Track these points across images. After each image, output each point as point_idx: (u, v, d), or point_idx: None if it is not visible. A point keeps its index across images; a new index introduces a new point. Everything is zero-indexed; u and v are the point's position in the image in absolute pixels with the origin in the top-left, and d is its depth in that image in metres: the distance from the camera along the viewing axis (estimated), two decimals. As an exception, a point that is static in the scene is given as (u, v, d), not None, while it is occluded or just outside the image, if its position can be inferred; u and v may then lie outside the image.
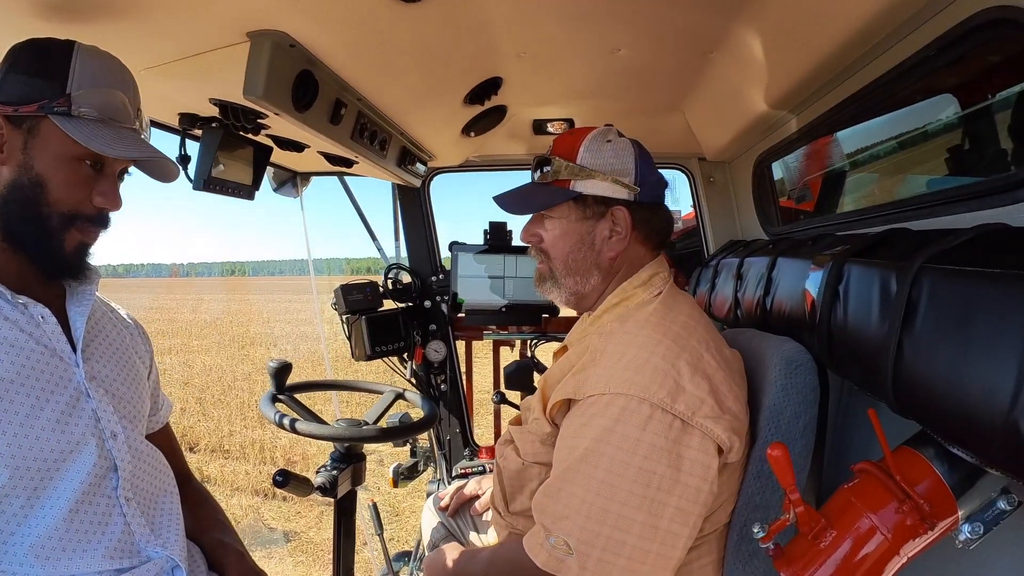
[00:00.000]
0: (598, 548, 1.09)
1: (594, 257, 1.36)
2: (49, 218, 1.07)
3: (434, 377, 2.96)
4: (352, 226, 30.91)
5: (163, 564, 1.15)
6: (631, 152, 1.34)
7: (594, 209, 1.34)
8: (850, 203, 1.80)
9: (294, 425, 1.66)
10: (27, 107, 1.03)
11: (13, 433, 1.00)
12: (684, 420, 1.10)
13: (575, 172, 1.33)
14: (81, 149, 1.06)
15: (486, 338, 3.03)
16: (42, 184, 1.06)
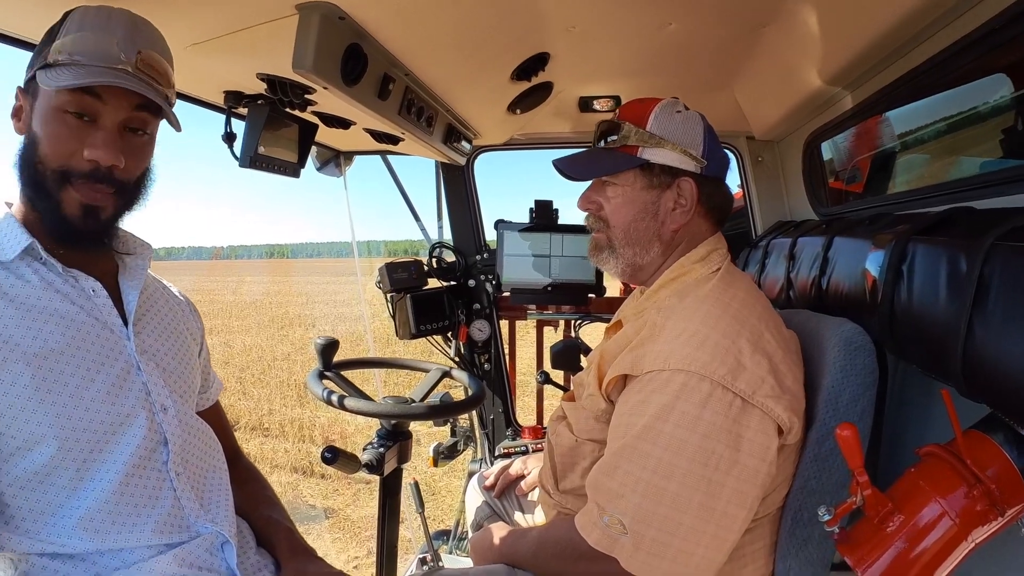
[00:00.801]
0: (653, 528, 1.07)
1: (656, 228, 1.32)
2: (44, 176, 1.03)
3: (478, 356, 2.95)
4: (390, 208, 30.89)
5: (213, 539, 1.15)
6: (700, 124, 1.31)
7: (661, 179, 1.30)
8: (903, 184, 1.74)
9: (342, 402, 1.65)
10: (30, 71, 1.05)
11: (63, 404, 1.00)
12: (744, 399, 1.08)
13: (644, 139, 1.29)
14: (61, 98, 1.00)
15: (529, 318, 3.01)
16: (36, 142, 1.03)
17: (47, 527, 1.00)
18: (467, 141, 2.43)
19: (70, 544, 1.00)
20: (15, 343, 0.98)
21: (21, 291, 1.03)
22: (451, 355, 2.91)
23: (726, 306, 1.18)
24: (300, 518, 4.52)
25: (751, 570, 1.25)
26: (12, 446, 0.98)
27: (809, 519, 1.23)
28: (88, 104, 1.01)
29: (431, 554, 2.30)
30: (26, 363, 0.98)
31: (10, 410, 0.97)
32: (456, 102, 2.05)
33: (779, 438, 1.12)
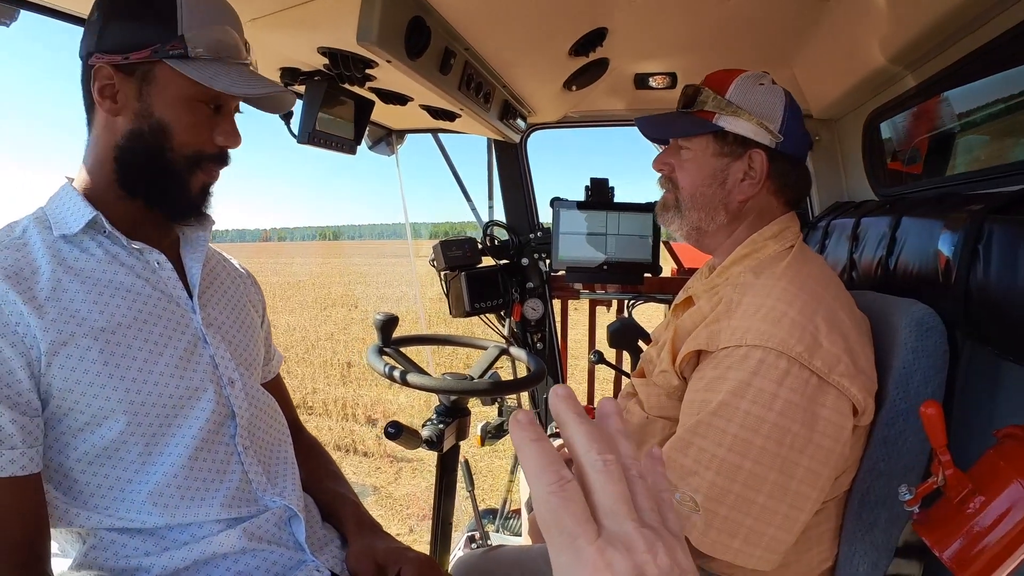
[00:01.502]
0: (726, 506, 1.07)
1: (723, 196, 1.32)
2: (175, 162, 1.07)
3: (530, 336, 2.95)
4: (433, 190, 30.93)
5: (281, 514, 1.14)
6: (782, 99, 1.30)
7: (732, 148, 1.30)
8: (963, 164, 1.69)
9: (404, 377, 1.66)
10: (138, 53, 1.01)
11: (132, 379, 1.00)
12: (821, 377, 1.07)
13: (722, 106, 1.29)
14: (201, 90, 1.04)
15: (583, 297, 2.99)
16: (165, 129, 1.05)
17: (115, 502, 1.00)
18: (522, 118, 2.42)
19: (139, 519, 1.00)
20: (82, 317, 0.98)
21: (86, 265, 1.03)
22: (504, 334, 2.91)
23: (802, 284, 1.16)
24: (345, 494, 4.58)
25: (816, 552, 1.24)
26: (81, 421, 0.98)
27: (877, 502, 1.21)
28: (221, 95, 1.08)
29: (479, 532, 2.32)
30: (94, 338, 0.98)
31: (78, 385, 0.96)
32: (513, 78, 2.04)
33: (853, 419, 1.10)
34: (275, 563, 1.09)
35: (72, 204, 1.05)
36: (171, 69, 1.02)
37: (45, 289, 0.97)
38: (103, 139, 1.06)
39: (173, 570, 1.01)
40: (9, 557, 0.89)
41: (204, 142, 1.08)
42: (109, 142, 1.05)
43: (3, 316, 0.92)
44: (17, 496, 0.90)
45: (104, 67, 1.01)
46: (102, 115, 1.05)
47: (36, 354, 0.93)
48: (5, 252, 0.98)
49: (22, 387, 0.92)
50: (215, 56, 1.05)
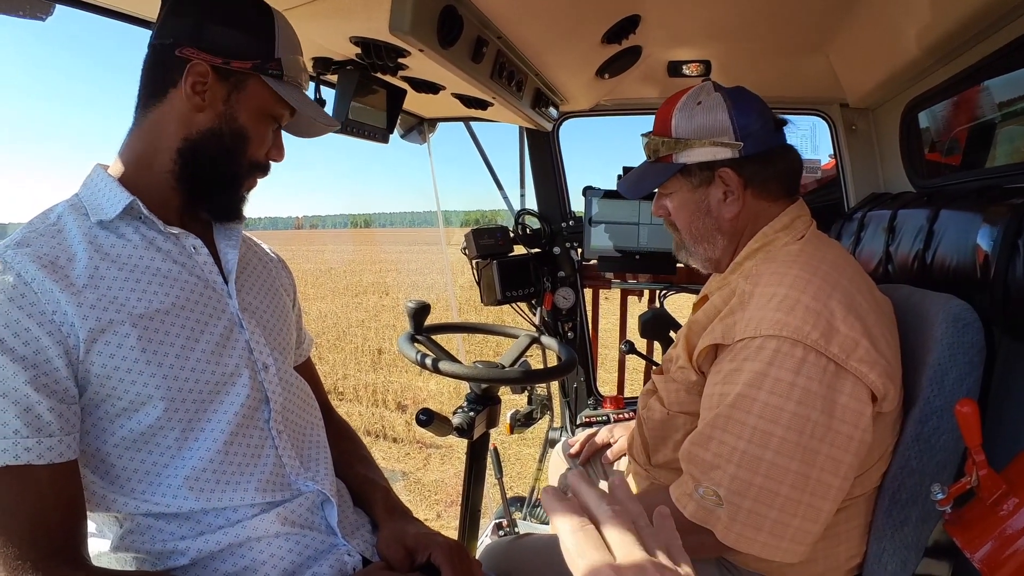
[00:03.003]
0: (749, 499, 1.06)
1: (714, 223, 1.34)
2: (241, 166, 1.13)
3: (561, 325, 2.94)
4: (463, 179, 31.04)
5: (314, 498, 1.15)
6: (723, 107, 1.28)
7: (700, 177, 1.32)
8: (1004, 156, 1.65)
9: (436, 365, 1.66)
10: (240, 62, 1.06)
11: (169, 364, 1.00)
12: (838, 363, 1.05)
13: (672, 146, 1.32)
14: (278, 109, 1.13)
15: (614, 287, 2.98)
16: (243, 136, 1.10)
17: (152, 487, 1.00)
18: (554, 107, 2.41)
19: (175, 504, 1.00)
20: (120, 304, 0.98)
21: (123, 251, 1.03)
22: (535, 323, 2.91)
23: (815, 269, 1.15)
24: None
25: (845, 549, 1.23)
26: (119, 407, 0.98)
27: (908, 500, 1.19)
28: (284, 115, 1.16)
29: (507, 519, 2.33)
30: (132, 324, 0.98)
31: (117, 372, 0.96)
32: (545, 67, 2.03)
33: (873, 405, 1.09)
34: (308, 547, 1.10)
35: (108, 189, 1.05)
36: (263, 84, 1.09)
37: (83, 276, 0.97)
38: (170, 128, 1.07)
39: (208, 554, 1.02)
40: (47, 542, 0.89)
41: (264, 153, 1.16)
42: (178, 133, 1.07)
43: (40, 304, 0.92)
44: (55, 483, 0.91)
45: (201, 64, 1.04)
46: (179, 106, 1.06)
47: (74, 341, 0.93)
48: (41, 240, 0.98)
49: (59, 375, 0.92)
50: (295, 82, 1.14)
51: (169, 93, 1.06)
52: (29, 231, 1.00)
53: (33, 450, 0.88)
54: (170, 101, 1.06)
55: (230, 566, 1.03)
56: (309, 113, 1.16)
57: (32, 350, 0.90)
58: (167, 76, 1.05)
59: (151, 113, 1.07)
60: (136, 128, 1.09)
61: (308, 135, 1.28)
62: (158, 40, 1.06)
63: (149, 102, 1.07)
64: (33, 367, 0.90)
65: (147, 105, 1.08)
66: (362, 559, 1.15)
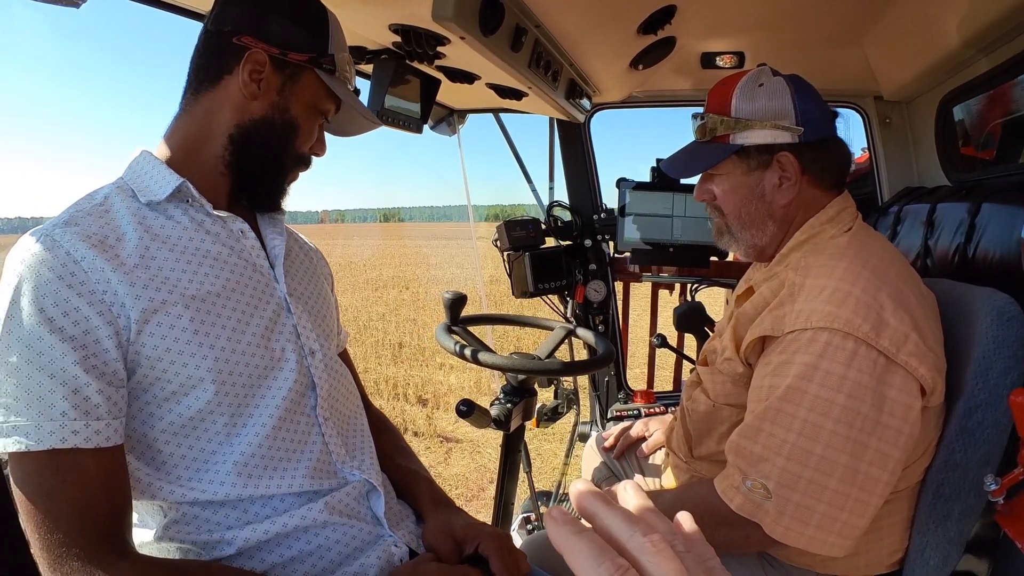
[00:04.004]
0: (798, 492, 1.06)
1: (766, 208, 1.32)
2: (289, 156, 1.15)
3: (592, 317, 2.93)
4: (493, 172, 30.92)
5: (360, 487, 1.14)
6: (786, 91, 1.27)
7: (758, 159, 1.29)
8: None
9: (476, 356, 1.66)
10: (296, 55, 1.09)
11: (221, 347, 0.99)
12: (889, 356, 1.05)
13: (731, 126, 1.29)
14: (327, 102, 1.15)
15: (645, 280, 2.97)
16: (295, 127, 1.13)
17: (199, 473, 0.99)
18: (587, 98, 2.40)
19: (222, 491, 0.99)
20: (173, 284, 0.97)
21: (173, 232, 1.03)
22: (566, 315, 2.90)
23: (864, 262, 1.15)
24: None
25: (887, 543, 1.23)
26: (168, 391, 0.96)
27: (951, 494, 1.19)
28: (330, 111, 1.18)
29: (535, 513, 2.33)
30: (185, 305, 0.97)
31: (168, 354, 0.95)
32: (581, 57, 2.02)
33: (922, 399, 1.08)
34: (355, 537, 1.09)
35: (156, 172, 1.05)
36: (316, 78, 1.12)
37: (133, 256, 0.96)
38: (224, 114, 1.08)
39: (255, 543, 1.01)
40: (94, 529, 0.88)
41: (310, 147, 1.18)
42: (231, 120, 1.08)
43: (90, 284, 0.91)
44: (102, 468, 0.89)
45: (260, 53, 1.06)
46: (234, 92, 1.07)
47: (125, 322, 0.92)
48: (89, 219, 0.97)
49: (109, 356, 0.91)
50: (344, 79, 1.17)
51: (224, 79, 1.07)
52: (75, 211, 0.98)
53: (80, 433, 0.87)
54: (224, 87, 1.07)
55: (277, 556, 1.03)
56: (358, 109, 1.19)
57: (82, 330, 0.89)
58: (223, 62, 1.07)
59: (203, 98, 1.08)
60: (185, 113, 1.10)
61: (349, 134, 1.30)
62: (215, 27, 1.07)
63: (202, 87, 1.08)
64: (83, 347, 0.89)
65: (199, 90, 1.08)
66: (408, 551, 1.14)
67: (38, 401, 0.86)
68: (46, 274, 0.89)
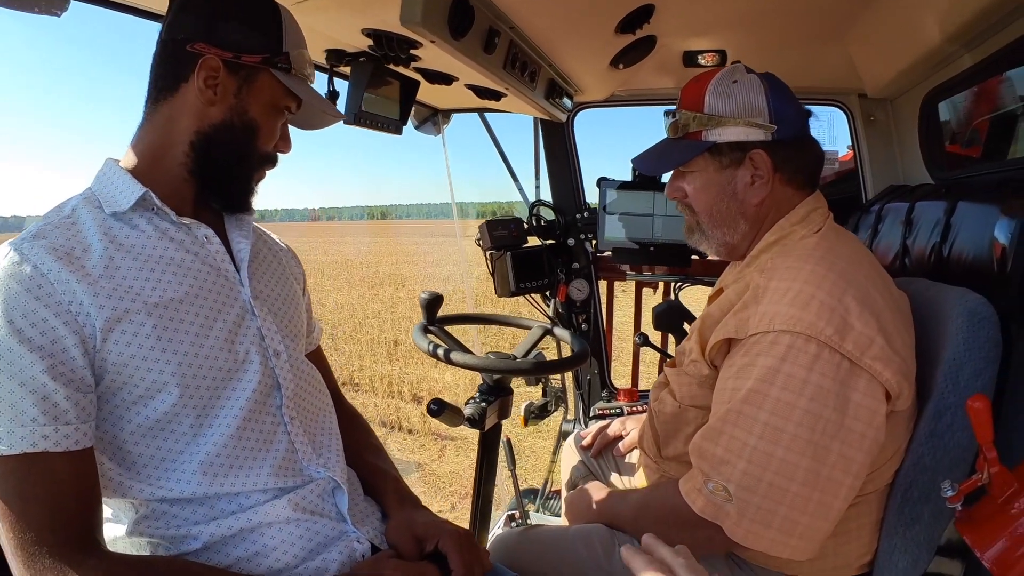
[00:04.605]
0: (759, 495, 1.05)
1: (738, 206, 1.30)
2: (252, 158, 1.16)
3: (575, 316, 2.94)
4: (480, 170, 31.06)
5: (325, 485, 1.16)
6: (760, 88, 1.26)
7: (731, 156, 1.28)
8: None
9: (448, 355, 1.66)
10: (250, 57, 1.09)
11: (184, 352, 1.02)
12: (852, 360, 1.04)
13: (704, 122, 1.28)
14: (286, 100, 1.16)
15: (629, 279, 2.97)
16: (254, 128, 1.13)
17: (167, 473, 1.03)
18: (568, 97, 2.40)
19: (188, 489, 1.02)
20: (136, 293, 1.00)
21: (137, 241, 1.05)
22: (548, 314, 2.90)
23: (831, 264, 1.13)
24: (389, 470, 4.63)
25: (856, 546, 1.22)
26: (135, 395, 1.00)
27: (920, 497, 1.18)
28: (291, 107, 1.19)
29: (520, 511, 2.33)
30: (148, 313, 1.00)
31: (133, 360, 0.98)
32: (559, 57, 2.02)
33: (887, 403, 1.07)
34: (318, 533, 1.11)
35: (120, 182, 1.07)
36: (272, 78, 1.13)
37: (98, 266, 0.99)
38: (182, 122, 1.09)
39: (220, 538, 1.04)
40: (64, 529, 0.91)
41: (274, 144, 1.19)
42: (190, 127, 1.09)
43: (56, 295, 0.94)
44: (72, 470, 0.93)
45: (213, 59, 1.07)
46: (191, 100, 1.08)
47: (90, 331, 0.96)
48: (56, 232, 1.00)
49: (76, 364, 0.94)
50: (301, 75, 1.17)
51: (181, 87, 1.08)
52: (44, 224, 1.02)
53: (50, 438, 0.91)
54: (182, 95, 1.09)
55: (242, 551, 1.05)
56: (317, 105, 1.19)
57: (49, 340, 0.92)
58: (179, 71, 1.08)
59: (163, 107, 1.10)
60: (147, 122, 1.11)
61: (313, 127, 1.30)
62: (169, 36, 1.08)
63: (160, 96, 1.10)
64: (50, 356, 0.92)
65: (158, 99, 1.10)
66: (371, 547, 1.17)
67: (9, 408, 0.90)
68: (15, 287, 0.92)
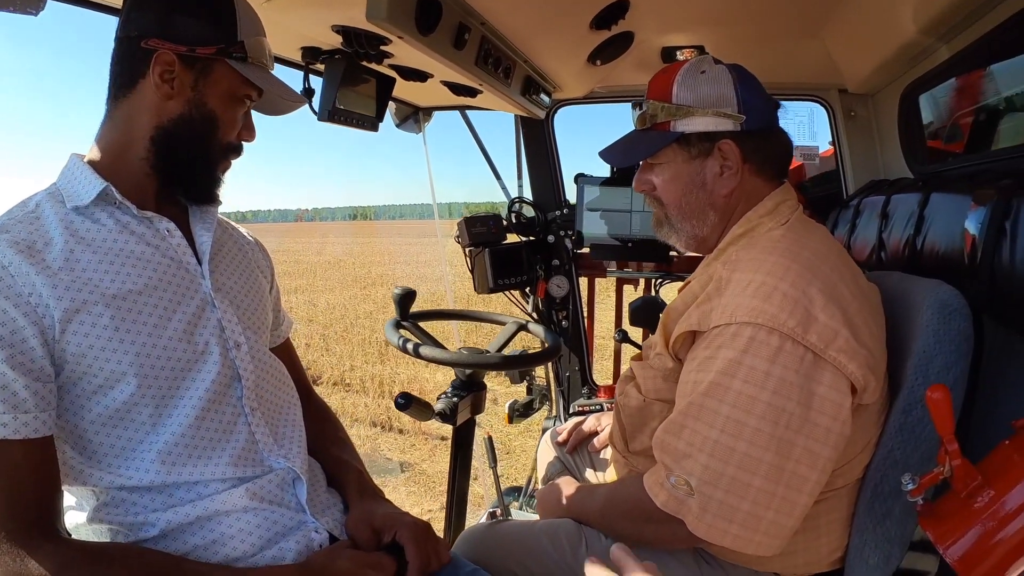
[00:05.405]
0: (721, 490, 1.04)
1: (707, 197, 1.29)
2: (214, 149, 1.17)
3: (555, 313, 2.92)
4: (469, 169, 31.33)
5: (284, 475, 1.17)
6: (729, 78, 1.25)
7: (699, 147, 1.26)
8: (1008, 141, 1.61)
9: (417, 350, 1.66)
10: (204, 49, 1.09)
11: (142, 343, 1.04)
12: (816, 353, 1.02)
13: (672, 112, 1.26)
14: (245, 89, 1.16)
15: (609, 275, 2.96)
16: (213, 119, 1.14)
17: (126, 462, 1.04)
18: (546, 94, 2.39)
19: (147, 478, 1.04)
20: (94, 285, 1.02)
21: (97, 235, 1.07)
22: (529, 311, 2.89)
23: (795, 255, 1.11)
24: (377, 471, 4.63)
25: (826, 541, 1.20)
26: (94, 384, 1.02)
27: (890, 492, 1.16)
28: (251, 95, 1.18)
29: (501, 509, 2.32)
30: (106, 304, 1.02)
31: (91, 351, 1.00)
32: (534, 53, 2.00)
33: (853, 397, 1.06)
34: (276, 522, 1.13)
35: (83, 177, 1.08)
36: (229, 68, 1.13)
37: (58, 259, 1.01)
38: (142, 118, 1.10)
39: (177, 525, 1.05)
40: (24, 515, 0.93)
41: (236, 134, 1.20)
42: (150, 122, 1.10)
43: (16, 287, 0.96)
44: (31, 457, 0.95)
45: (167, 53, 1.07)
46: (149, 96, 1.09)
47: (49, 322, 0.98)
48: (19, 226, 1.02)
49: (35, 354, 0.96)
50: (259, 63, 1.17)
51: (138, 84, 1.09)
52: (8, 218, 1.04)
53: (9, 426, 0.93)
54: (140, 91, 1.10)
55: (199, 539, 1.07)
56: (275, 91, 1.19)
57: (8, 331, 0.95)
58: (135, 68, 1.09)
59: (122, 104, 1.11)
60: (109, 119, 1.13)
61: (278, 113, 1.30)
62: (124, 33, 1.09)
63: (120, 93, 1.11)
64: (9, 347, 0.94)
65: (118, 96, 1.11)
66: (330, 537, 1.18)
67: None
68: None
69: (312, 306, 12.53)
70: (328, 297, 13.66)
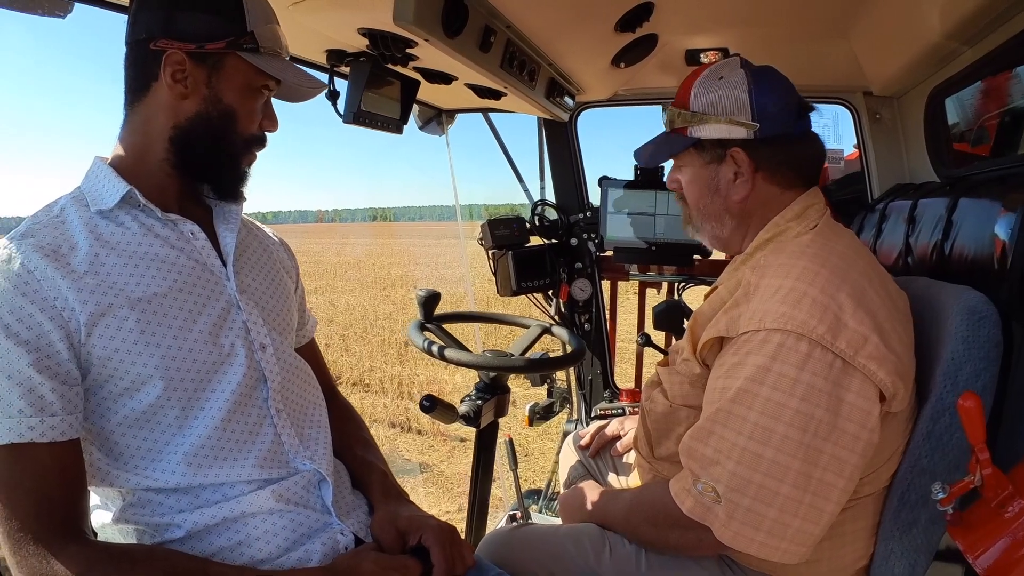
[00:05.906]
0: (748, 496, 1.03)
1: (722, 202, 1.30)
2: (235, 144, 1.16)
3: (578, 316, 2.92)
4: (490, 171, 31.31)
5: (310, 477, 1.17)
6: (744, 85, 1.24)
7: (712, 153, 1.28)
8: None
9: (442, 352, 1.66)
10: (213, 44, 1.08)
11: (167, 346, 1.04)
12: (845, 359, 1.01)
13: (688, 119, 1.29)
14: (261, 80, 1.14)
15: (632, 279, 2.95)
16: (231, 114, 1.13)
17: (153, 463, 1.05)
18: (570, 97, 2.39)
19: (173, 479, 1.04)
20: (119, 289, 1.03)
21: (122, 238, 1.07)
22: (551, 314, 2.89)
23: (824, 260, 1.11)
24: (396, 471, 4.60)
25: (851, 550, 1.19)
26: (120, 387, 1.02)
27: (917, 500, 1.15)
28: (270, 85, 1.17)
29: (521, 511, 2.32)
30: (131, 308, 1.02)
31: (116, 354, 1.01)
32: (558, 55, 2.00)
33: (881, 404, 1.04)
34: (301, 524, 1.13)
35: (106, 180, 1.09)
36: (241, 60, 1.11)
37: (83, 263, 1.02)
38: (159, 119, 1.10)
39: (203, 527, 1.06)
40: (49, 517, 0.94)
41: (257, 126, 1.18)
42: (167, 123, 1.10)
43: (42, 291, 0.97)
44: (57, 460, 0.96)
45: (177, 53, 1.06)
46: (164, 97, 1.09)
47: (75, 326, 0.98)
48: (44, 230, 1.03)
49: (61, 358, 0.97)
50: (272, 52, 1.15)
51: (152, 86, 1.09)
52: (33, 223, 1.05)
53: (36, 428, 0.94)
54: (155, 93, 1.10)
55: (225, 540, 1.07)
56: (291, 79, 1.18)
57: (35, 334, 0.95)
58: (148, 70, 1.08)
59: (139, 108, 1.11)
60: (127, 123, 1.13)
61: (298, 99, 1.29)
62: (132, 38, 1.09)
63: (135, 97, 1.11)
64: (36, 350, 0.95)
65: (134, 101, 1.11)
66: (355, 539, 1.18)
67: None
68: (2, 284, 0.96)
69: (332, 307, 12.59)
70: (348, 298, 13.73)
